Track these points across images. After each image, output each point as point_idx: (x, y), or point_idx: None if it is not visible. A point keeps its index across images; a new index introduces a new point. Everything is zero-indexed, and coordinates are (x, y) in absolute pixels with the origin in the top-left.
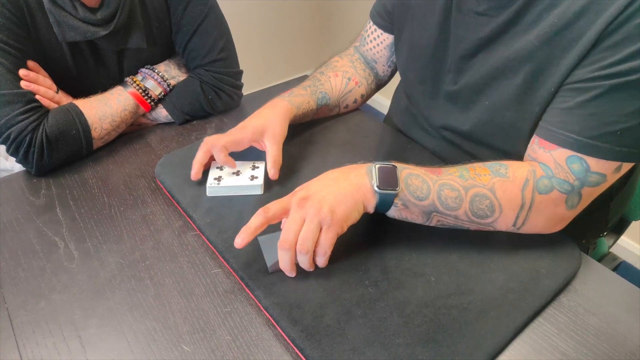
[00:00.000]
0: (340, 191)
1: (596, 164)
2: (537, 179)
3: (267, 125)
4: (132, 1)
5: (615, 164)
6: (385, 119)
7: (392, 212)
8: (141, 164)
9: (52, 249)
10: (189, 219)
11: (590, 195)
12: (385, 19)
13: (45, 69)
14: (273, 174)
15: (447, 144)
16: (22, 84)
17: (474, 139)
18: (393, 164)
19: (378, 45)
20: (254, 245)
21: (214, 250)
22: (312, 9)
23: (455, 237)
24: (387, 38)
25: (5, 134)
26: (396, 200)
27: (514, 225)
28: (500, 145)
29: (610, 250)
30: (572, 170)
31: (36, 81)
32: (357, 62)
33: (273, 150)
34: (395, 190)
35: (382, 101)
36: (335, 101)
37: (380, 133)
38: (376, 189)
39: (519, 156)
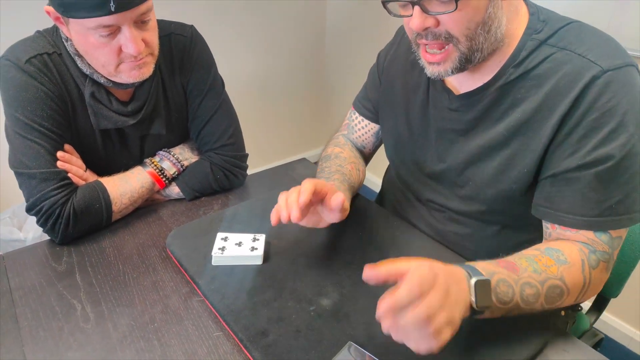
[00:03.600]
0: (457, 317)
1: (614, 231)
2: (588, 257)
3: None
4: (157, 95)
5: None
6: (377, 196)
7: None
8: (153, 235)
9: (70, 311)
10: (195, 286)
11: (616, 255)
12: (371, 112)
13: (78, 150)
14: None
15: (434, 214)
16: (58, 164)
17: (459, 211)
18: (485, 275)
19: (366, 133)
20: (252, 310)
21: (217, 314)
22: (309, 99)
23: None
24: (374, 127)
25: (39, 206)
26: (485, 311)
27: (575, 301)
28: (481, 217)
29: (594, 326)
30: (604, 242)
31: (69, 161)
32: (354, 151)
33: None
34: (489, 308)
35: (374, 180)
36: (356, 191)
37: (372, 212)
38: (475, 307)
39: (500, 224)
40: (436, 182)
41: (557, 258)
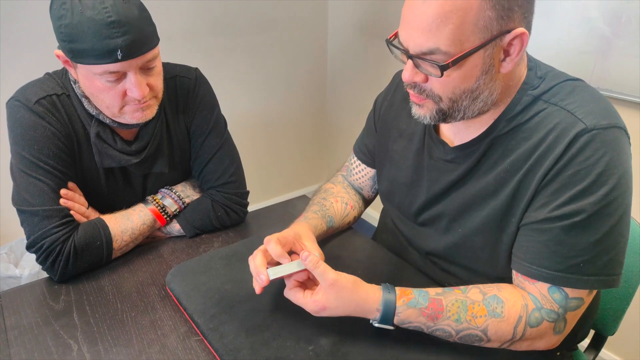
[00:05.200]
0: (346, 312)
1: (572, 291)
2: (529, 314)
3: (302, 232)
4: (161, 135)
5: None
6: (374, 235)
7: None
8: (153, 272)
9: (66, 351)
10: (193, 325)
11: (573, 317)
12: (367, 156)
13: (81, 188)
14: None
15: (425, 262)
16: (61, 201)
17: (448, 259)
18: (396, 322)
19: (363, 177)
20: (251, 349)
21: (215, 354)
22: (309, 137)
23: (432, 344)
24: (370, 171)
25: (40, 243)
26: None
27: (500, 347)
28: (470, 265)
29: None
30: (555, 300)
31: (73, 199)
32: (348, 189)
33: (312, 245)
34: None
35: (372, 214)
36: (338, 223)
37: (368, 249)
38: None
39: (485, 275)
40: (428, 229)
41: (493, 310)
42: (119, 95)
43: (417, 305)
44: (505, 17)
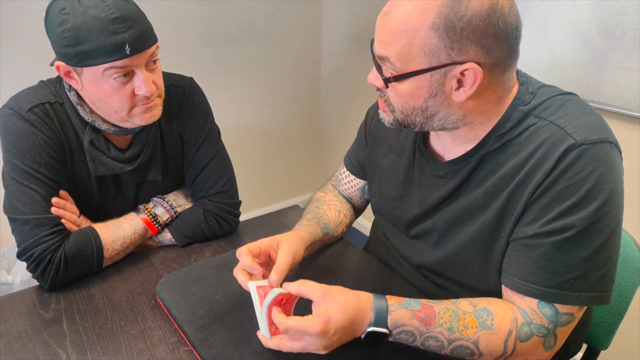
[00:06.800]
0: (345, 339)
1: (562, 307)
2: (519, 328)
3: (285, 240)
4: (154, 143)
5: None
6: (365, 246)
7: None
8: (144, 281)
9: None
10: (183, 335)
11: (564, 333)
12: (357, 168)
13: (73, 196)
14: (274, 280)
15: (416, 275)
16: (52, 209)
17: (439, 273)
18: (390, 326)
19: (352, 187)
20: None
21: None
22: (302, 147)
23: None
24: (359, 182)
25: (30, 252)
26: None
27: None
28: (461, 279)
29: None
30: (545, 315)
31: (64, 207)
32: (339, 197)
33: (283, 258)
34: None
35: (365, 224)
36: (332, 231)
37: (360, 261)
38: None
39: (475, 289)
40: (419, 242)
41: (483, 322)
42: (128, 96)
43: (409, 307)
44: (456, 49)
